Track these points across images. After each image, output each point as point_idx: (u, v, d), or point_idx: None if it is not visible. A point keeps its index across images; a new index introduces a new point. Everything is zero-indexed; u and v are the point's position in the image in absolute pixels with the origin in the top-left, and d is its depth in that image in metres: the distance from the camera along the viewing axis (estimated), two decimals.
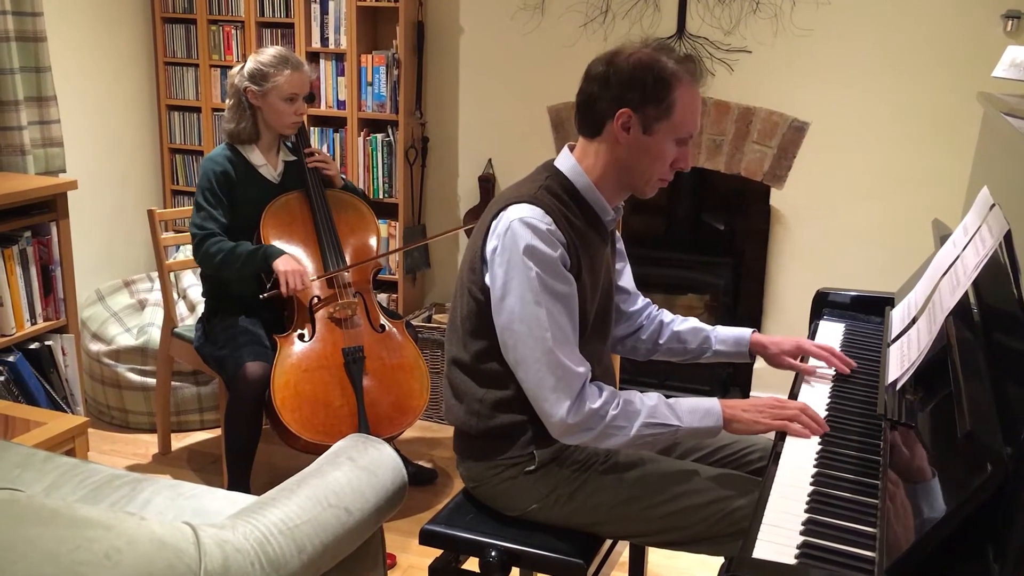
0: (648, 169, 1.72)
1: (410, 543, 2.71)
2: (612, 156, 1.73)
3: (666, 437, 1.69)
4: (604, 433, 1.66)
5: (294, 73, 2.80)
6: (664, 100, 1.66)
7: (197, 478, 3.12)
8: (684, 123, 1.69)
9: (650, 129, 1.68)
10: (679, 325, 2.05)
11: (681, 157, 1.73)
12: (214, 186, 2.78)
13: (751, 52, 3.38)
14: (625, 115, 1.68)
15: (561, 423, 1.65)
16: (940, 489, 1.18)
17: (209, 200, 2.78)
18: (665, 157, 1.71)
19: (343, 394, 2.74)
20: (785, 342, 1.98)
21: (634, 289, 2.06)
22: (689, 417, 1.69)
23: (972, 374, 1.30)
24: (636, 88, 1.66)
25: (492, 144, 3.84)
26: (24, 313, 2.92)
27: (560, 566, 1.72)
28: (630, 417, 1.66)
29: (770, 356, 1.99)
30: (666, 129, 1.68)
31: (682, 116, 1.68)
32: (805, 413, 1.66)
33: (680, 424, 1.68)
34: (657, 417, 1.68)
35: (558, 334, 1.65)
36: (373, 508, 1.64)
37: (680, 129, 1.69)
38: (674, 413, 1.69)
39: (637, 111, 1.67)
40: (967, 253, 1.55)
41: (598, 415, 1.65)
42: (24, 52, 3.18)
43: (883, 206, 3.33)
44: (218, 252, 2.72)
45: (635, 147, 1.70)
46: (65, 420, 2.36)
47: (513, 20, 3.68)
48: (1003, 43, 2.91)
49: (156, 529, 1.24)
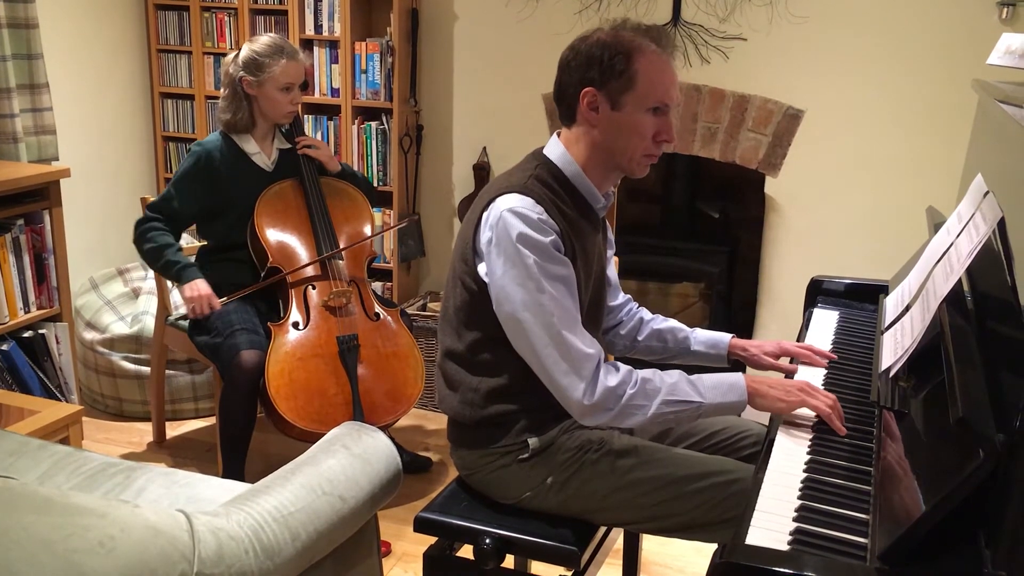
0: (628, 146, 1.70)
1: (405, 531, 2.71)
2: (591, 139, 1.72)
3: (689, 414, 1.67)
4: (623, 412, 1.65)
5: (290, 62, 2.78)
6: (623, 72, 1.65)
7: (192, 466, 3.12)
8: (651, 92, 1.66)
9: (617, 104, 1.67)
10: (659, 324, 2.05)
11: (663, 129, 1.69)
12: (190, 173, 2.80)
13: (746, 40, 3.38)
14: (589, 94, 1.67)
15: (579, 405, 1.64)
16: (933, 476, 1.18)
17: (180, 185, 2.82)
18: (642, 130, 1.68)
19: (338, 382, 2.74)
20: (766, 344, 1.99)
21: (616, 282, 2.06)
22: (712, 392, 1.67)
23: (965, 361, 1.30)
24: (594, 65, 1.66)
25: (487, 132, 3.83)
26: (17, 301, 2.91)
27: (554, 553, 1.72)
28: (649, 395, 1.65)
29: (751, 357, 1.98)
30: (633, 101, 1.66)
31: (647, 85, 1.66)
32: (834, 410, 1.61)
33: (703, 400, 1.66)
34: (678, 394, 1.66)
35: (564, 316, 1.64)
36: (367, 496, 1.64)
37: (648, 98, 1.66)
38: (696, 389, 1.67)
39: (601, 88, 1.67)
40: (961, 241, 1.55)
41: (615, 394, 1.64)
42: (16, 39, 3.16)
43: (877, 194, 3.34)
44: (149, 242, 2.78)
45: (608, 125, 1.69)
46: (59, 408, 2.36)
47: (508, 7, 3.66)
48: (998, 30, 2.91)
49: (150, 517, 1.24)
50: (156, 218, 2.80)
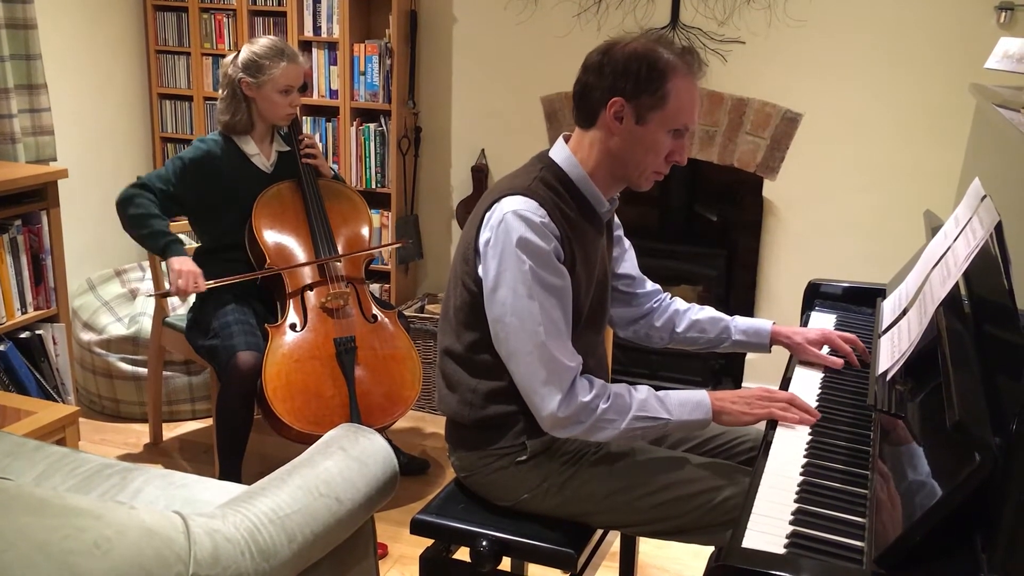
0: (642, 160, 1.71)
1: (401, 533, 2.71)
2: (606, 146, 1.72)
3: (656, 430, 1.69)
4: (594, 426, 1.66)
5: (289, 65, 2.78)
6: (658, 90, 1.65)
7: (188, 468, 3.12)
8: (678, 114, 1.67)
9: (643, 119, 1.67)
10: (697, 314, 2.04)
11: (676, 150, 1.71)
12: (195, 162, 2.78)
13: (744, 43, 3.38)
14: (618, 104, 1.67)
15: (551, 416, 1.65)
16: (929, 479, 1.18)
17: (175, 170, 2.77)
18: (659, 149, 1.69)
19: (335, 384, 2.74)
20: (810, 332, 1.97)
21: (639, 274, 2.05)
22: (679, 410, 1.69)
23: (962, 364, 1.30)
24: (630, 77, 1.65)
25: (485, 134, 3.83)
26: (15, 302, 2.91)
27: (551, 556, 1.72)
28: (620, 411, 1.67)
29: (796, 346, 1.97)
30: (660, 119, 1.67)
31: (676, 107, 1.67)
32: (793, 404, 1.66)
33: (670, 417, 1.68)
34: (647, 411, 1.68)
35: (550, 328, 1.64)
36: (364, 498, 1.64)
37: (674, 120, 1.67)
38: (664, 406, 1.69)
39: (630, 100, 1.66)
40: (958, 244, 1.55)
41: (588, 408, 1.65)
42: (14, 40, 3.16)
43: (875, 197, 3.34)
44: (136, 207, 2.69)
45: (628, 137, 1.69)
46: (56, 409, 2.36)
47: (507, 10, 3.67)
48: (996, 35, 2.91)
49: (146, 518, 1.23)
50: (146, 187, 2.73)
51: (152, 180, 2.76)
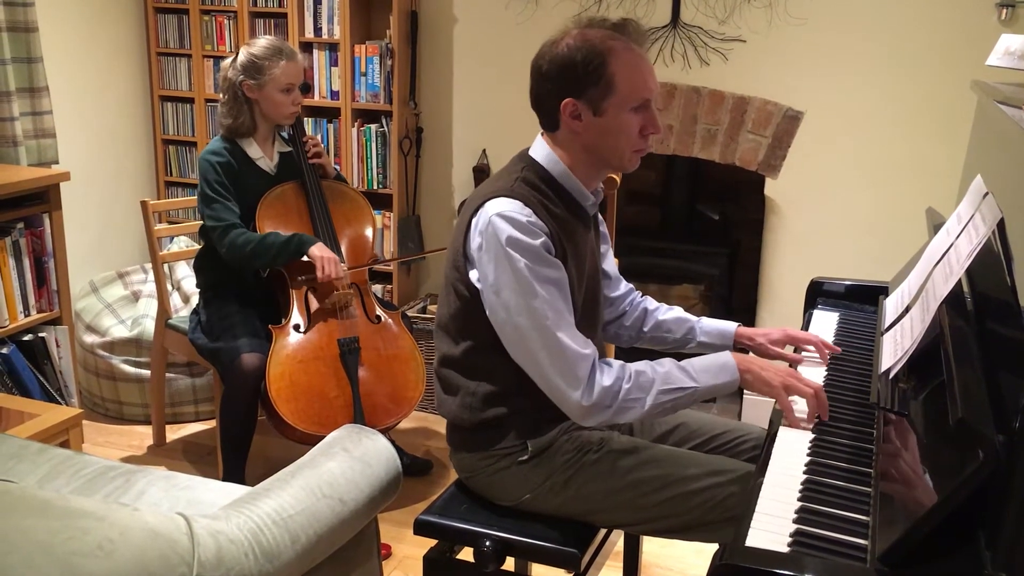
0: (616, 147, 1.70)
1: (405, 533, 2.71)
2: (577, 144, 1.72)
3: (685, 400, 1.68)
4: (621, 408, 1.65)
5: (289, 63, 2.78)
6: (601, 78, 1.64)
7: (192, 469, 3.12)
8: (632, 92, 1.66)
9: (600, 110, 1.66)
10: (664, 314, 2.04)
11: (647, 123, 1.69)
12: (222, 178, 2.75)
13: (745, 41, 3.38)
14: (570, 104, 1.67)
15: (578, 406, 1.64)
16: (932, 477, 1.18)
17: (220, 192, 2.74)
18: (628, 130, 1.68)
19: (338, 385, 2.74)
20: (773, 332, 1.98)
21: (616, 274, 2.06)
22: (704, 376, 1.68)
23: (965, 362, 1.30)
24: (570, 76, 1.65)
25: (486, 134, 3.83)
26: (17, 305, 2.91)
27: (554, 555, 1.72)
28: (644, 388, 1.65)
29: (758, 347, 1.98)
30: (616, 104, 1.66)
31: (627, 86, 1.65)
32: (817, 396, 1.64)
33: (696, 385, 1.67)
34: (672, 383, 1.66)
35: (557, 319, 1.64)
36: (367, 499, 1.64)
37: (630, 99, 1.66)
38: (688, 375, 1.68)
39: (580, 97, 1.66)
40: (960, 242, 1.55)
41: (611, 392, 1.64)
42: (15, 42, 3.16)
43: (877, 195, 3.34)
44: (247, 243, 2.69)
45: (593, 131, 1.69)
46: (59, 412, 2.36)
47: (507, 10, 3.66)
48: (997, 31, 2.91)
49: (149, 520, 1.24)
50: (230, 224, 2.71)
51: (223, 215, 2.71)
